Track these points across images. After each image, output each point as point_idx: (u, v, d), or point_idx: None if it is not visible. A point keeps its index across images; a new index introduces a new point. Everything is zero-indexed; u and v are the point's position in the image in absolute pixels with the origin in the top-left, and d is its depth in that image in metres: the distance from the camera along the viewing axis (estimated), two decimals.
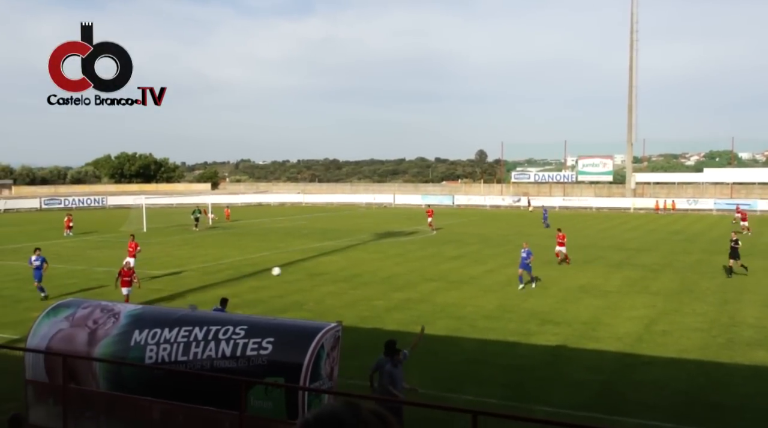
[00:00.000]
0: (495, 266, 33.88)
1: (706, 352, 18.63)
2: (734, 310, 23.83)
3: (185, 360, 11.73)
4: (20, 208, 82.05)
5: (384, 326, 21.62)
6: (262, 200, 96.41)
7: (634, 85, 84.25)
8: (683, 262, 35.65)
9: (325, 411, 1.93)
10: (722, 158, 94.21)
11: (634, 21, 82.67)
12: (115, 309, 13.17)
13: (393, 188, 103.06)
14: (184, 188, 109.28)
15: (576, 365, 17.64)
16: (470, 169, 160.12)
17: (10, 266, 34.11)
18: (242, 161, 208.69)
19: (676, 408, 14.50)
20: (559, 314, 23.19)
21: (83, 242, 46.51)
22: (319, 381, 11.47)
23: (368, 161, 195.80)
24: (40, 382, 12.93)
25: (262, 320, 13.47)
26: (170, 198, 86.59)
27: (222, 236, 49.98)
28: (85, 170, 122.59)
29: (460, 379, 16.33)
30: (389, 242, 45.18)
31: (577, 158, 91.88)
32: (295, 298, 26.01)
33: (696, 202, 76.98)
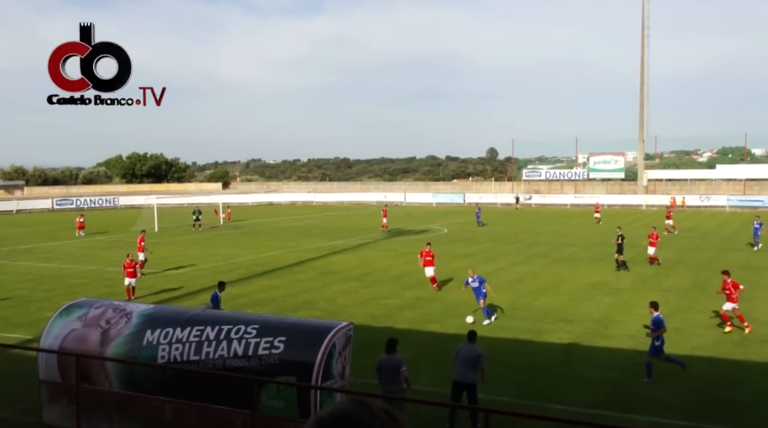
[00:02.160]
0: (506, 264, 33.81)
1: (719, 349, 18.53)
2: (747, 307, 23.65)
3: (197, 359, 11.77)
4: (33, 208, 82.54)
5: (395, 324, 21.61)
6: (272, 200, 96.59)
7: (645, 82, 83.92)
8: (696, 259, 35.46)
9: (339, 409, 1.93)
10: (735, 154, 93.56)
11: (646, 17, 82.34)
12: (127, 309, 13.22)
13: (404, 186, 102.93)
14: (195, 188, 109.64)
15: (588, 363, 17.58)
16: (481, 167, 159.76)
17: (23, 267, 34.32)
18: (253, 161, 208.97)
19: (689, 406, 14.42)
20: (571, 312, 23.11)
21: (95, 242, 46.74)
22: (331, 380, 11.48)
23: (379, 159, 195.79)
24: (54, 382, 13.00)
25: (273, 319, 13.50)
26: (181, 198, 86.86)
27: (233, 236, 50.11)
28: (96, 171, 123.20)
29: None
30: (400, 241, 45.15)
31: (589, 155, 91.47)
32: (306, 297, 26.05)
33: (708, 199, 76.49)
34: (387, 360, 12.78)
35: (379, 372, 12.80)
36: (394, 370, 12.56)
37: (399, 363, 12.62)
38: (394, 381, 12.54)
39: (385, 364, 12.76)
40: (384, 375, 12.72)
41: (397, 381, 12.52)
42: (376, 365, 12.91)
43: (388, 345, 13.01)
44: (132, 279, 25.72)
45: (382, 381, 12.77)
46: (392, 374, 12.57)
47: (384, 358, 12.85)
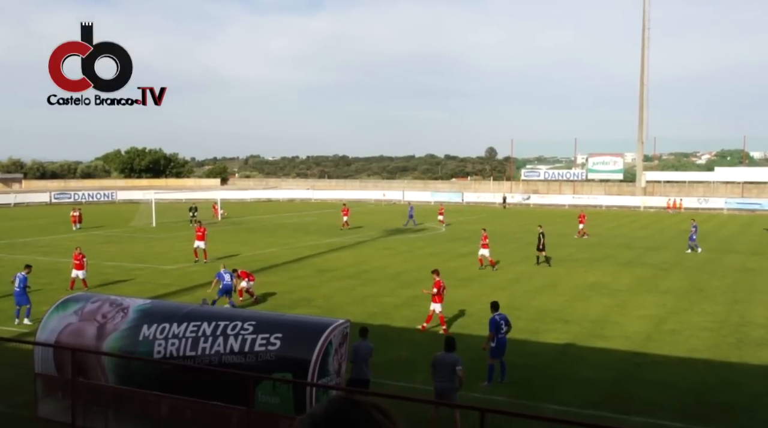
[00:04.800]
0: (504, 264, 33.81)
1: (715, 352, 18.55)
2: (744, 309, 23.72)
3: (193, 355, 11.76)
4: (30, 202, 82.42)
5: (392, 322, 21.62)
6: (271, 196, 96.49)
7: (645, 83, 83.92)
8: (693, 261, 35.49)
9: (332, 409, 1.87)
10: (733, 156, 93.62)
11: (646, 19, 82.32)
12: (123, 304, 13.21)
13: (402, 184, 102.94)
14: (194, 184, 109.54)
15: (584, 363, 17.59)
16: (480, 166, 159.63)
17: (20, 260, 34.25)
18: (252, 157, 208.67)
19: (685, 408, 14.44)
20: (568, 313, 23.12)
21: (92, 236, 46.66)
22: (327, 377, 11.48)
23: (378, 157, 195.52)
24: (50, 376, 12.99)
25: (270, 316, 13.50)
26: (179, 193, 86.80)
27: (231, 232, 50.06)
28: (94, 165, 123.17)
29: (468, 377, 16.22)
30: (398, 239, 45.16)
31: (588, 155, 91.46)
32: (303, 294, 26.04)
33: (706, 201, 76.55)
34: (443, 357, 12.93)
35: (434, 368, 12.96)
36: (450, 368, 12.70)
37: (455, 361, 12.78)
38: (448, 379, 12.70)
39: (440, 362, 12.90)
40: (438, 372, 12.86)
41: (451, 380, 12.69)
42: (432, 361, 13.09)
43: (446, 343, 13.20)
44: (80, 271, 26.46)
45: (435, 377, 12.91)
46: (448, 372, 12.71)
47: (440, 355, 13.02)
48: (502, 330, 16.06)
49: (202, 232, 34.72)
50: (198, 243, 34.54)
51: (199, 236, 34.58)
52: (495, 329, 16.06)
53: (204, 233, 34.80)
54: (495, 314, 16.37)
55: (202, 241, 34.44)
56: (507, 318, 16.44)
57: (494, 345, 16.01)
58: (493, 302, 16.96)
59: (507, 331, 16.27)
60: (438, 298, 20.50)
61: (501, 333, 16.04)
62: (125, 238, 45.65)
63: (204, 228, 35.58)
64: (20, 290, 21.85)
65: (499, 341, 16.05)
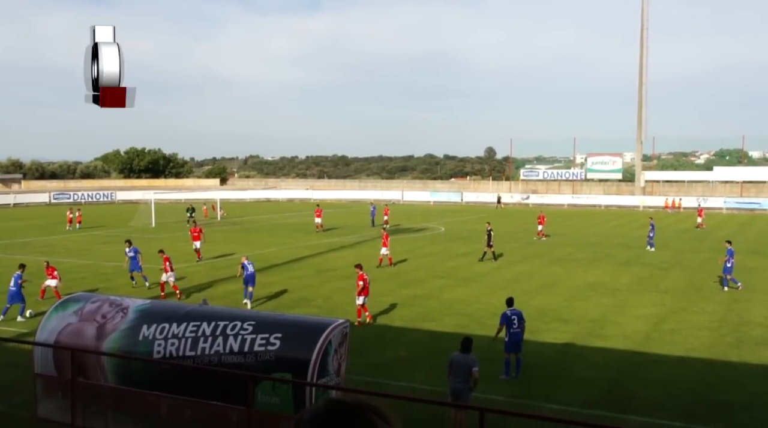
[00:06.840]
0: (503, 264, 33.83)
1: (714, 351, 18.56)
2: (743, 309, 23.73)
3: (193, 355, 11.76)
4: (30, 202, 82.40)
5: (391, 322, 21.63)
6: (270, 196, 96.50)
7: (644, 83, 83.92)
8: (692, 260, 35.52)
9: (324, 411, 1.81)
10: (732, 156, 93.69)
11: (645, 18, 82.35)
12: (123, 304, 13.21)
13: (401, 184, 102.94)
14: (193, 184, 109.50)
15: (584, 363, 17.61)
16: (479, 166, 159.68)
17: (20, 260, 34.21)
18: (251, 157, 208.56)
19: (684, 407, 14.45)
20: (567, 312, 23.14)
21: (92, 237, 46.67)
22: (326, 377, 11.48)
23: (377, 157, 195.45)
24: (49, 376, 12.99)
25: (270, 315, 13.50)
26: (179, 193, 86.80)
27: (231, 232, 50.07)
28: (94, 165, 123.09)
29: None
30: (397, 239, 45.14)
31: (587, 155, 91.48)
32: (302, 294, 26.05)
33: (705, 200, 76.56)
34: (460, 358, 12.97)
35: (450, 368, 13.01)
36: (467, 369, 12.76)
37: (472, 362, 12.84)
38: (464, 380, 12.76)
39: (457, 362, 12.95)
40: (454, 372, 12.91)
41: (466, 380, 12.75)
42: (449, 361, 13.13)
43: (463, 344, 13.19)
44: (53, 281, 25.56)
45: (451, 377, 12.96)
46: (464, 372, 12.78)
47: (457, 356, 13.05)
48: (514, 326, 16.28)
49: (198, 232, 35.47)
50: (195, 243, 35.31)
51: (195, 237, 35.36)
52: (506, 323, 16.29)
53: (200, 233, 35.54)
54: (507, 309, 16.62)
55: (198, 241, 35.26)
56: (520, 314, 16.62)
57: (507, 340, 16.26)
58: (508, 298, 17.35)
59: (520, 326, 16.43)
60: (365, 291, 21.30)
61: (513, 328, 16.28)
62: (124, 238, 45.57)
63: (200, 228, 36.37)
64: (15, 288, 21.92)
65: (512, 336, 16.27)
